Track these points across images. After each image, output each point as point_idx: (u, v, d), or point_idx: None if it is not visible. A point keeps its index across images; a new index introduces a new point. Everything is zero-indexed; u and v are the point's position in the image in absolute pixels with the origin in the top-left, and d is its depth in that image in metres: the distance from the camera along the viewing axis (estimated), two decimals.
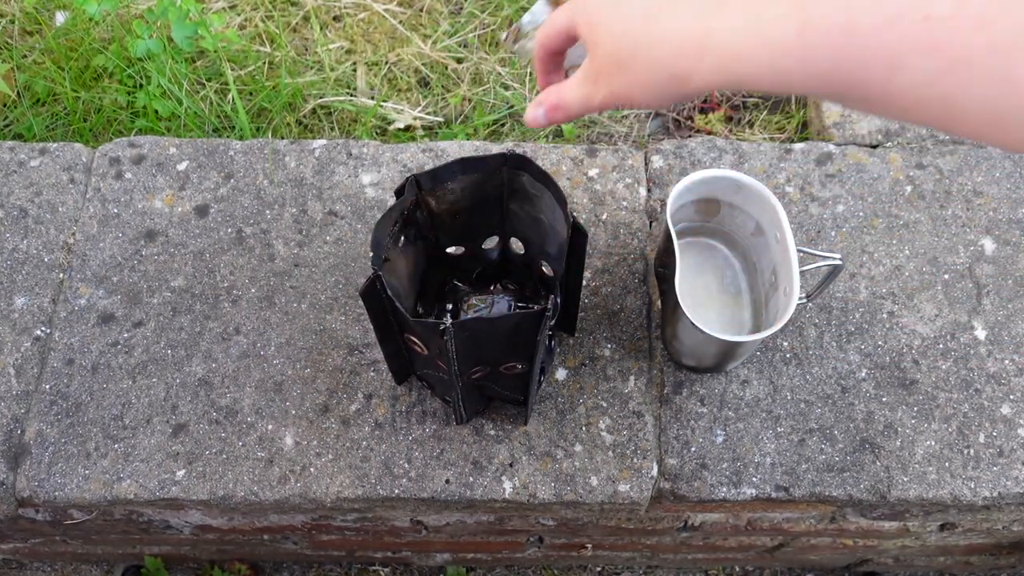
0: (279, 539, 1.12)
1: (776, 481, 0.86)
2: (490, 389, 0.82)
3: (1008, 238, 0.97)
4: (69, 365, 0.91)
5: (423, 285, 0.85)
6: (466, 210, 0.78)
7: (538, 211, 0.76)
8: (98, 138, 1.24)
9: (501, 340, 0.72)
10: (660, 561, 1.26)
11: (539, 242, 0.81)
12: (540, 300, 0.88)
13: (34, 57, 1.29)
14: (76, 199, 1.00)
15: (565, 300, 0.83)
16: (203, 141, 1.03)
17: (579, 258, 0.76)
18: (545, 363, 0.85)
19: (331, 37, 1.32)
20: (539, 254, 0.83)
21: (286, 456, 0.87)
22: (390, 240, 0.72)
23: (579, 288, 0.83)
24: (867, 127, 1.06)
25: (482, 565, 1.30)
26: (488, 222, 0.82)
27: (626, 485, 0.85)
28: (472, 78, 1.30)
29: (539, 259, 0.83)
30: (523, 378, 0.79)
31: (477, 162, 0.73)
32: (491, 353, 0.74)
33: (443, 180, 0.74)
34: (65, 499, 0.86)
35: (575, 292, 0.83)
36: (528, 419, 0.87)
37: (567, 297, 0.83)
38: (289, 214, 0.98)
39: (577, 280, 0.81)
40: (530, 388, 0.80)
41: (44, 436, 0.88)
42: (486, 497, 0.85)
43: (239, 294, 0.94)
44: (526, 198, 0.76)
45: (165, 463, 0.87)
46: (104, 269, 0.96)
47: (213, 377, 0.90)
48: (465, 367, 0.74)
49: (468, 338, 0.69)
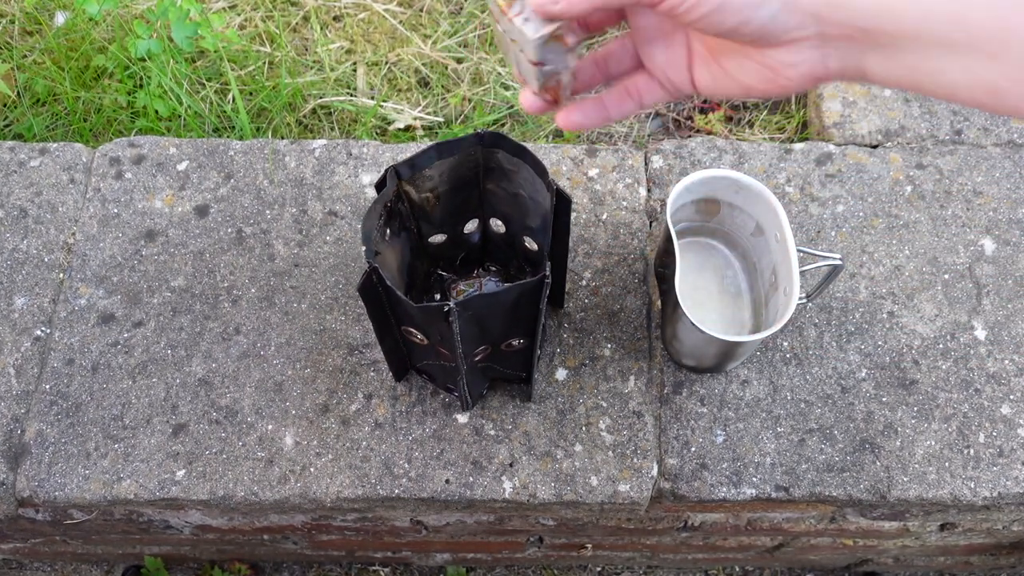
0: (279, 539, 1.12)
1: (776, 481, 0.86)
2: (492, 370, 0.83)
3: (1008, 238, 0.97)
4: (69, 365, 0.91)
5: (410, 278, 0.85)
6: (445, 195, 0.79)
7: (516, 187, 0.77)
8: (98, 138, 1.24)
9: (503, 315, 0.72)
10: (660, 561, 1.26)
11: (520, 218, 0.81)
12: (525, 276, 0.88)
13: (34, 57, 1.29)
14: (76, 199, 1.00)
15: (553, 271, 0.84)
16: (203, 141, 1.03)
17: (564, 225, 0.76)
18: (541, 338, 0.85)
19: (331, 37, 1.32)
20: (521, 230, 0.83)
21: (286, 456, 0.87)
22: (378, 234, 0.72)
23: (566, 257, 0.83)
24: (867, 127, 1.06)
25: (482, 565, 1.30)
26: (467, 205, 0.82)
27: (626, 485, 0.85)
28: (472, 78, 1.30)
29: (521, 235, 0.84)
30: (524, 354, 0.80)
31: (452, 145, 0.74)
32: (494, 330, 0.75)
33: (421, 167, 0.74)
34: (65, 499, 0.86)
35: (562, 262, 0.83)
36: (532, 395, 0.87)
37: (555, 268, 0.83)
38: (289, 214, 0.98)
39: (563, 249, 0.81)
40: (532, 362, 0.81)
41: (44, 436, 0.88)
42: (486, 497, 0.85)
43: (239, 294, 0.94)
44: (503, 175, 0.77)
45: (165, 463, 0.87)
46: (104, 269, 0.96)
47: (213, 377, 0.90)
48: (469, 348, 0.75)
49: (471, 317, 0.70)
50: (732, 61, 0.51)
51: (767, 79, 0.50)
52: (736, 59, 0.51)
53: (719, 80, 0.53)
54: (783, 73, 0.49)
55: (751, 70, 0.50)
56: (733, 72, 0.52)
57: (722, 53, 0.52)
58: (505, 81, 1.29)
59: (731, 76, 0.52)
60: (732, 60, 0.51)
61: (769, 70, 0.49)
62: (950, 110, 1.06)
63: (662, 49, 0.54)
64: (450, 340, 0.71)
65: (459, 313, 0.68)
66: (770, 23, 0.46)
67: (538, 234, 0.80)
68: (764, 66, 0.49)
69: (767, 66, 0.49)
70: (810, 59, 0.48)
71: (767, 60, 0.49)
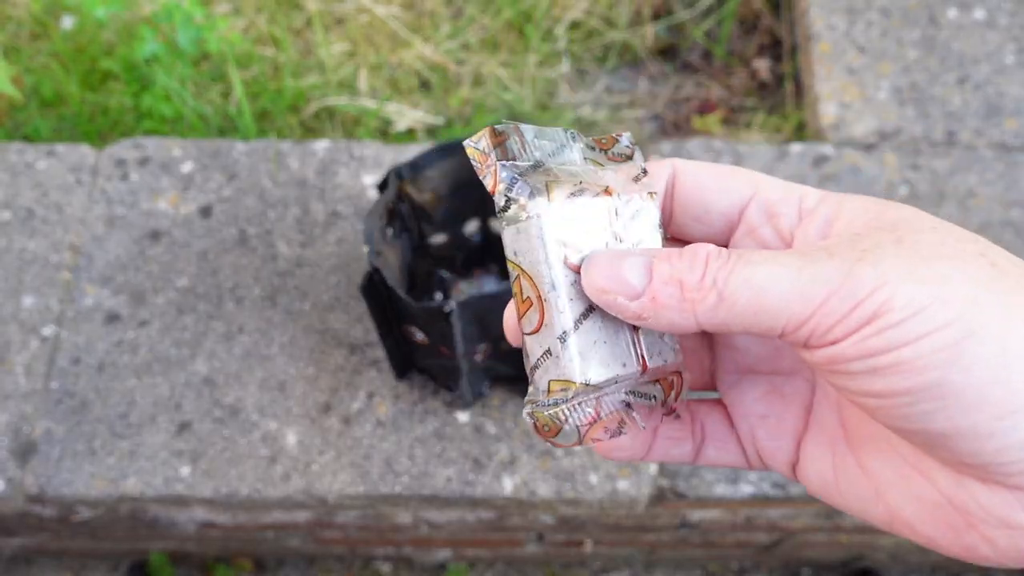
0: (282, 536, 1.14)
1: (773, 479, 0.87)
2: (493, 370, 0.84)
3: (1001, 239, 0.98)
4: (76, 364, 0.92)
5: (411, 278, 0.87)
6: (446, 196, 0.80)
7: None
8: (104, 140, 1.26)
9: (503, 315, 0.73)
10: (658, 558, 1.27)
11: None
12: None
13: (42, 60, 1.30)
14: (82, 200, 1.01)
15: None
16: (207, 143, 1.05)
17: None
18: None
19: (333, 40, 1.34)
20: None
21: (289, 454, 0.88)
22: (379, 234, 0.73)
23: None
24: (863, 129, 1.07)
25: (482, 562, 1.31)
26: (468, 206, 0.83)
27: (625, 483, 0.86)
28: (473, 80, 1.31)
29: None
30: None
31: (454, 146, 0.75)
32: (494, 330, 0.76)
33: (422, 168, 0.75)
34: (72, 496, 0.87)
35: None
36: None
37: None
38: (292, 215, 0.99)
39: None
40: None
41: (52, 434, 0.89)
42: (487, 495, 0.86)
43: (243, 294, 0.95)
44: None
45: (170, 461, 0.88)
46: (110, 269, 0.97)
47: (217, 376, 0.92)
48: (470, 347, 0.76)
49: (472, 317, 0.71)
50: (887, 466, 0.30)
51: (950, 526, 0.28)
52: (895, 464, 0.29)
53: (847, 483, 0.31)
54: (984, 532, 0.27)
55: (921, 497, 0.29)
56: (882, 485, 0.30)
57: (871, 442, 0.30)
58: (505, 83, 1.30)
59: (877, 490, 0.30)
60: (887, 464, 0.30)
61: (961, 514, 0.28)
62: (944, 112, 1.07)
63: (763, 403, 0.33)
64: (451, 339, 0.72)
65: (459, 312, 0.69)
66: (1010, 453, 0.25)
67: None
68: (953, 504, 0.28)
69: (959, 507, 0.27)
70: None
71: (963, 496, 0.27)
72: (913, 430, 0.26)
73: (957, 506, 0.27)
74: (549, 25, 1.33)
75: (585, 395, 0.30)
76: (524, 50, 1.33)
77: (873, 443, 0.30)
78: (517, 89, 1.30)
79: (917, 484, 0.28)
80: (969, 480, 0.27)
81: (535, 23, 1.33)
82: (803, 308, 0.26)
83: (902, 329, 0.25)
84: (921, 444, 0.27)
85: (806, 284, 0.26)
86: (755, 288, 0.26)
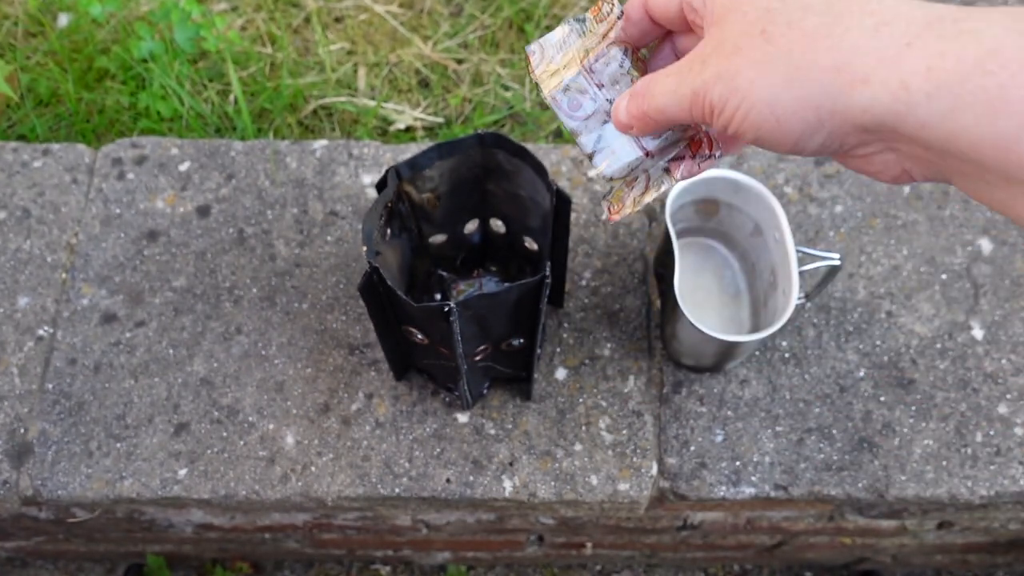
0: (280, 538, 1.13)
1: (775, 480, 0.87)
2: (493, 370, 0.83)
3: (1005, 238, 0.97)
4: (72, 365, 0.92)
5: (410, 278, 0.86)
6: (445, 196, 0.79)
7: (516, 187, 0.77)
8: (101, 139, 1.25)
9: (503, 315, 0.73)
10: (659, 559, 1.27)
11: (520, 218, 0.82)
12: (525, 277, 0.88)
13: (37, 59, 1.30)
14: (79, 199, 1.01)
15: (553, 271, 0.84)
16: (204, 142, 1.04)
17: (564, 226, 0.77)
18: (541, 338, 0.86)
19: (332, 38, 1.33)
20: (521, 230, 0.84)
21: (287, 455, 0.87)
22: (378, 234, 0.73)
23: (566, 257, 0.84)
24: None
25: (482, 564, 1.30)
26: (467, 205, 0.83)
27: (626, 484, 0.86)
28: (472, 79, 1.30)
29: (521, 235, 0.84)
30: (524, 353, 0.80)
31: (453, 145, 0.74)
32: (494, 330, 0.75)
33: (421, 167, 0.75)
34: (68, 498, 0.87)
35: (562, 262, 0.84)
36: (532, 394, 0.87)
37: (554, 268, 0.84)
38: (290, 214, 0.99)
39: (563, 249, 0.81)
40: (532, 362, 0.81)
41: (47, 435, 0.89)
42: (486, 496, 0.85)
43: (240, 294, 0.95)
44: (503, 175, 0.77)
45: (167, 462, 0.87)
46: (106, 269, 0.96)
47: (215, 377, 0.91)
48: (470, 348, 0.75)
49: (471, 317, 0.70)
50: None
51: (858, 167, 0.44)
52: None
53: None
54: (868, 171, 0.43)
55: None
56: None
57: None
58: (505, 82, 1.30)
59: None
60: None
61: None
62: None
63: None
64: (450, 340, 0.72)
65: (459, 313, 0.68)
66: (824, 149, 0.40)
67: (538, 234, 0.81)
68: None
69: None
70: (892, 168, 0.42)
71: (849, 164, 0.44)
72: (788, 153, 0.42)
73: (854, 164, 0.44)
74: (549, 23, 1.33)
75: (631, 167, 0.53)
76: (524, 49, 1.32)
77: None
78: (517, 88, 1.29)
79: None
80: (844, 159, 0.44)
81: (535, 21, 1.32)
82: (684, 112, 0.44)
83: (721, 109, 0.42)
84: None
85: (682, 95, 0.44)
86: (659, 107, 0.45)
